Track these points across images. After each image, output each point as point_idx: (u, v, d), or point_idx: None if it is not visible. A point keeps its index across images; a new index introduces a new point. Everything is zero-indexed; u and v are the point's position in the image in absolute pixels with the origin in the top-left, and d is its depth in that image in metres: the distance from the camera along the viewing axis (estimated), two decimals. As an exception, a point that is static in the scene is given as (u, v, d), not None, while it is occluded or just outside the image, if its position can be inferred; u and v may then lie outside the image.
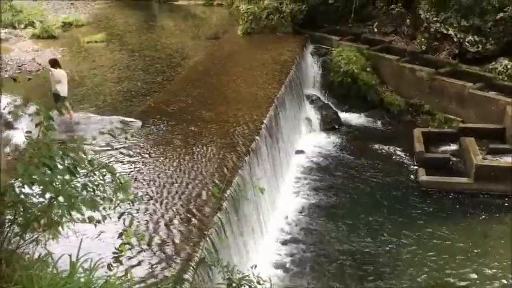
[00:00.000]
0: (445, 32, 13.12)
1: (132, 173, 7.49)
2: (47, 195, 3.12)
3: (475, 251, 8.31)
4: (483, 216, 9.21)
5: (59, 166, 3.06)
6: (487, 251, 8.33)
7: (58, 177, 3.05)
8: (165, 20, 20.70)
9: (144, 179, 7.33)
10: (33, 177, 2.89)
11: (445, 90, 12.31)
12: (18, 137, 3.36)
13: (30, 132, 3.12)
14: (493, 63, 12.47)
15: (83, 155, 3.13)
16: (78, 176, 3.17)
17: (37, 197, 3.24)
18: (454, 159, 10.82)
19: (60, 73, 9.82)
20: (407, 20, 14.54)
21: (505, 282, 7.60)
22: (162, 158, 8.02)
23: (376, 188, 10.12)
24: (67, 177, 3.09)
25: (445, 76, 12.47)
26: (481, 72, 12.50)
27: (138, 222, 6.14)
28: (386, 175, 10.56)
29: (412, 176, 10.43)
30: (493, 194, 9.71)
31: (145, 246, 5.56)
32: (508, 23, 12.23)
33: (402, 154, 11.33)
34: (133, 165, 7.81)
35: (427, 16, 13.36)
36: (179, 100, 10.60)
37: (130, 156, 8.10)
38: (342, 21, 15.49)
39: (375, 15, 15.45)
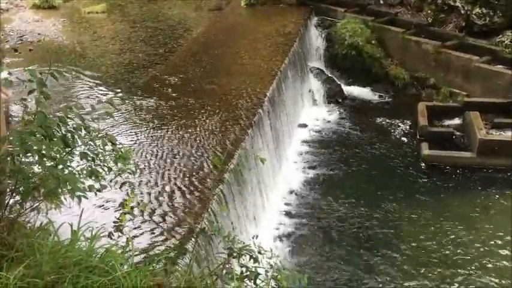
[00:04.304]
0: (452, 3, 12.85)
1: (133, 145, 7.48)
2: (47, 164, 3.11)
3: (474, 223, 8.37)
4: (485, 190, 9.21)
5: (57, 134, 3.03)
6: (486, 223, 8.37)
7: (54, 147, 3.01)
8: (167, -10, 20.32)
9: (145, 151, 7.32)
10: (29, 144, 2.85)
11: (451, 63, 12.14)
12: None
13: (25, 99, 3.08)
14: (500, 36, 12.25)
15: (80, 123, 3.09)
16: (73, 147, 3.13)
17: (37, 166, 3.22)
18: (458, 133, 10.75)
19: None
20: (414, -8, 14.23)
21: (502, 252, 7.69)
22: (164, 130, 8.00)
23: (379, 161, 10.12)
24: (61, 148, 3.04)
25: (451, 49, 12.25)
26: (488, 45, 12.27)
27: (141, 193, 6.17)
28: (390, 149, 10.54)
29: (415, 150, 10.40)
30: (496, 169, 9.67)
31: (147, 217, 5.59)
32: (517, -5, 11.98)
33: (406, 128, 11.27)
34: (134, 137, 7.79)
35: (434, -13, 13.08)
36: (181, 72, 10.51)
37: (131, 128, 8.07)
38: (347, -8, 15.18)
39: (381, -14, 15.12)
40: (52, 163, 3.16)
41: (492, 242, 7.92)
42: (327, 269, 7.46)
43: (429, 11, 13.44)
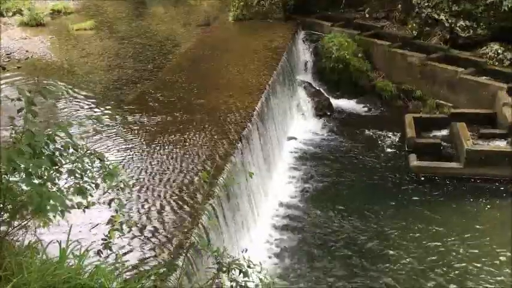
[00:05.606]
0: (436, 17, 13.09)
1: (122, 161, 7.46)
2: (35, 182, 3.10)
3: (465, 233, 8.41)
4: (473, 201, 9.29)
5: (46, 152, 3.03)
6: (477, 233, 8.43)
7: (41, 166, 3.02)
8: (155, 7, 20.47)
9: (134, 167, 7.30)
10: (16, 162, 2.85)
11: (436, 75, 12.33)
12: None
13: (13, 118, 3.08)
14: (484, 48, 12.49)
15: (69, 141, 3.10)
16: (60, 165, 3.13)
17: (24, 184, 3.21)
18: (445, 144, 10.87)
19: None
20: (399, 6, 14.48)
21: (495, 262, 7.74)
22: (153, 146, 7.99)
23: (368, 174, 10.18)
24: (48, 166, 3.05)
25: (436, 61, 12.46)
26: (472, 57, 12.52)
27: (130, 210, 6.15)
28: (378, 161, 10.62)
29: (403, 162, 10.49)
30: (483, 179, 9.77)
31: (136, 233, 5.56)
32: (499, 8, 12.21)
33: (394, 139, 11.38)
34: (123, 153, 7.77)
35: (418, 1, 13.31)
36: (170, 87, 10.54)
37: (120, 144, 8.06)
38: (333, 6, 15.41)
39: (366, 1, 15.38)
40: (39, 181, 3.16)
41: (485, 251, 7.99)
42: (318, 280, 7.46)
43: (414, 25, 13.67)
